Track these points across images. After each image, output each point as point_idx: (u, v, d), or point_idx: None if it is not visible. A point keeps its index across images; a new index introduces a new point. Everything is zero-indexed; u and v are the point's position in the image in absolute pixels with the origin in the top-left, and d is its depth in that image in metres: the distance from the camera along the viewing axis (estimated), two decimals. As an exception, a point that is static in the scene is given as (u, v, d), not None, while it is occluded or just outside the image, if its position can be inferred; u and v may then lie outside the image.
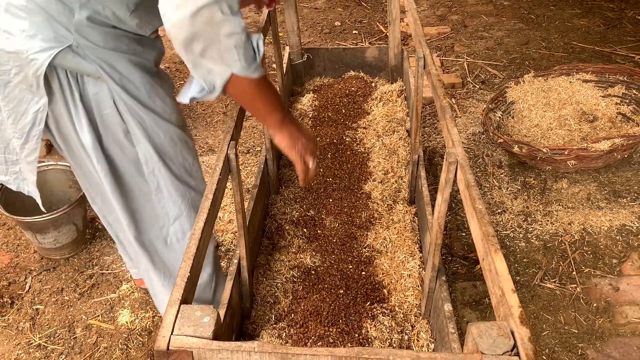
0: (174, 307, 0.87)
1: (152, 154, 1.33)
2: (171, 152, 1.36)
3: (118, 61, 1.22)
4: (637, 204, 2.19)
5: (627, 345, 1.70)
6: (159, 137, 1.33)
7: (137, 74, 1.26)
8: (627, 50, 3.28)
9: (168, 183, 1.38)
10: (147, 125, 1.30)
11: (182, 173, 1.40)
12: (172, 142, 1.36)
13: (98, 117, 1.27)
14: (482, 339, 0.81)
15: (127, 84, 1.25)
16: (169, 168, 1.37)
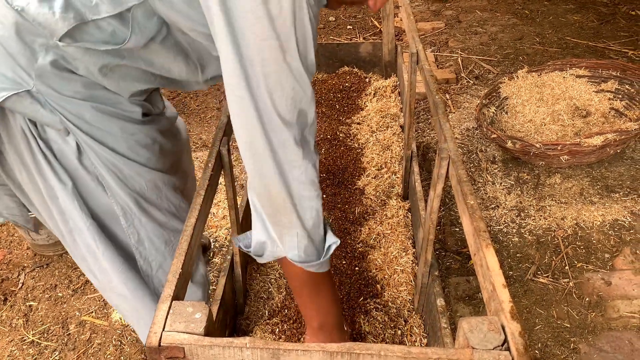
0: (166, 303, 0.87)
1: (130, 206, 1.19)
2: (154, 199, 1.23)
3: (88, 111, 1.09)
4: (629, 198, 2.20)
5: (619, 339, 1.71)
6: (140, 185, 1.19)
7: (114, 124, 1.13)
8: (621, 45, 3.29)
9: (150, 233, 1.24)
10: (125, 175, 1.17)
11: (167, 219, 1.27)
12: (156, 189, 1.23)
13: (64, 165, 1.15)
14: (472, 333, 0.81)
15: (98, 133, 1.11)
16: (152, 216, 1.23)
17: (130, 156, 1.16)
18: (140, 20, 0.97)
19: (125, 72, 1.07)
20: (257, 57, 0.83)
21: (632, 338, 1.71)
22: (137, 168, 1.17)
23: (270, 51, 0.83)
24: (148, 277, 1.28)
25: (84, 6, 0.94)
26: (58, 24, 0.95)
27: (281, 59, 0.84)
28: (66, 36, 0.96)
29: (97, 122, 1.10)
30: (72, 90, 1.05)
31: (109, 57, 1.01)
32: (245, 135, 0.91)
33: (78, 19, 0.94)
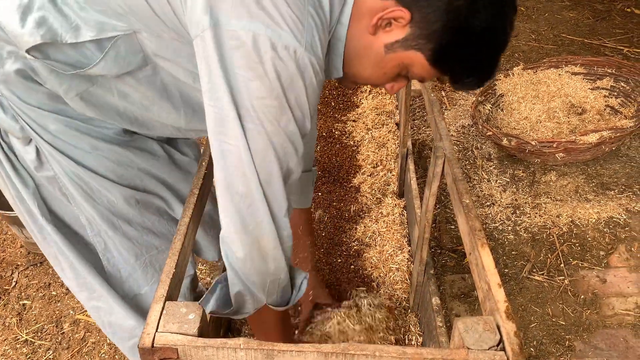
0: (159, 303, 0.86)
1: (96, 218, 1.15)
2: (127, 212, 1.17)
3: (53, 123, 1.04)
4: (624, 196, 2.20)
5: (614, 337, 1.71)
6: (108, 199, 1.13)
7: (83, 140, 1.08)
8: (616, 42, 3.29)
9: (117, 244, 1.19)
10: (92, 188, 1.11)
11: (140, 234, 1.20)
12: (128, 204, 1.16)
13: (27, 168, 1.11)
14: (468, 333, 0.81)
15: (63, 145, 1.06)
16: (120, 230, 1.18)
17: (99, 171, 1.11)
18: (122, 51, 0.94)
19: (95, 101, 1.02)
20: (252, 113, 0.83)
21: (627, 335, 1.71)
22: (106, 184, 1.12)
23: (267, 110, 0.83)
24: (118, 282, 1.24)
25: (61, 27, 0.92)
26: (24, 37, 0.92)
27: (276, 120, 0.84)
28: (34, 50, 0.93)
29: (62, 135, 1.06)
30: (37, 100, 1.02)
31: (76, 81, 0.98)
32: (240, 186, 0.88)
33: (47, 38, 0.92)
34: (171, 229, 1.26)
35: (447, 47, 0.89)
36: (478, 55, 0.92)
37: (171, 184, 1.25)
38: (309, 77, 0.84)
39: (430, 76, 0.96)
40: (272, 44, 0.79)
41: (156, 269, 1.25)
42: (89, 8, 0.91)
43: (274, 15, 0.79)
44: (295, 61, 0.81)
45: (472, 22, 0.86)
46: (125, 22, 0.91)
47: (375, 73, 0.97)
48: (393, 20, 0.88)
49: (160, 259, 1.24)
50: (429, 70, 0.94)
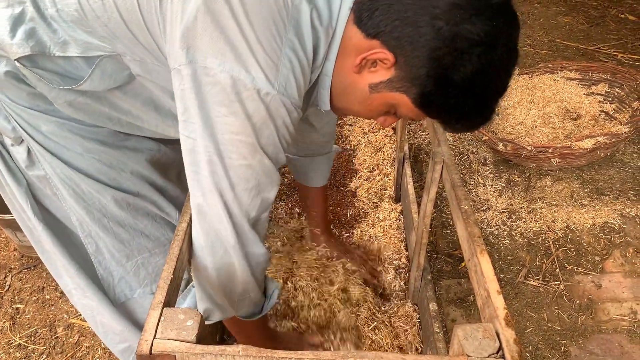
0: (157, 310, 0.85)
1: (86, 220, 1.15)
2: (118, 215, 1.17)
3: (45, 124, 1.05)
4: (619, 201, 2.21)
5: (609, 342, 1.72)
6: (100, 202, 1.14)
7: (75, 142, 1.08)
8: (610, 48, 3.31)
9: (109, 245, 1.19)
10: (83, 190, 1.12)
11: (132, 237, 1.21)
12: (120, 206, 1.16)
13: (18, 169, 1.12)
14: (467, 341, 0.80)
15: (54, 147, 1.07)
16: (112, 232, 1.18)
17: (90, 174, 1.11)
18: (108, 69, 0.96)
19: (85, 109, 1.04)
20: (227, 147, 0.86)
21: (622, 341, 1.72)
22: (98, 186, 1.12)
23: (240, 145, 0.86)
24: (108, 286, 1.24)
25: (50, 40, 0.94)
26: (13, 48, 0.94)
27: (250, 155, 0.87)
28: (23, 59, 0.95)
29: (54, 136, 1.07)
30: (28, 102, 1.03)
31: (64, 92, 0.99)
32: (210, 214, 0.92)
33: (36, 50, 0.94)
34: (165, 232, 1.25)
35: (431, 94, 0.87)
36: (463, 106, 0.88)
37: (162, 186, 1.24)
38: (280, 118, 0.86)
39: (419, 118, 0.95)
40: (245, 86, 0.81)
41: (149, 271, 1.25)
42: (76, 27, 0.93)
43: (248, 59, 0.81)
44: (267, 104, 0.84)
45: (455, 73, 0.84)
46: (109, 44, 0.93)
47: (362, 109, 0.98)
48: (378, 61, 0.88)
49: (153, 262, 1.25)
50: (417, 113, 0.93)
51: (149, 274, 1.24)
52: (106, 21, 0.91)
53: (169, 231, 1.25)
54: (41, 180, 1.11)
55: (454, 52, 0.82)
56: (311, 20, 0.86)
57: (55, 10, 0.93)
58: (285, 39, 0.83)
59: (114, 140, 1.13)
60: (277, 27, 0.83)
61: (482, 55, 0.83)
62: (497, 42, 0.84)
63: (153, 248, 1.24)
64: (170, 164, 1.27)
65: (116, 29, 0.91)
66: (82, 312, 1.29)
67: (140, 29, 0.90)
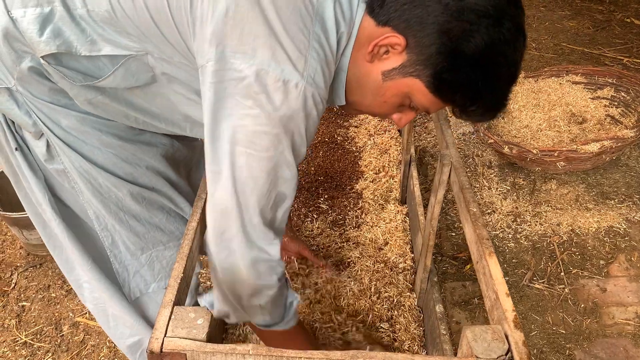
0: (167, 308, 0.86)
1: (103, 213, 1.17)
2: (134, 208, 1.19)
3: (65, 118, 1.08)
4: (624, 205, 2.21)
5: (614, 346, 1.72)
6: (116, 195, 1.16)
7: (93, 136, 1.11)
8: (616, 52, 3.31)
9: (124, 238, 1.21)
10: (100, 184, 1.14)
11: (147, 230, 1.22)
12: (136, 200, 1.18)
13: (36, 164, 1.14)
14: (476, 342, 0.81)
15: (73, 141, 1.10)
16: (128, 225, 1.20)
17: (108, 168, 1.13)
18: (132, 68, 0.98)
19: (103, 107, 1.06)
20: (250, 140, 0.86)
21: (627, 345, 1.72)
22: (114, 180, 1.14)
23: (265, 138, 0.86)
24: (124, 280, 1.25)
25: (77, 39, 0.96)
26: (40, 45, 0.96)
27: (273, 148, 0.87)
28: (49, 56, 0.98)
29: (73, 130, 1.09)
30: (50, 96, 1.06)
31: (85, 89, 1.02)
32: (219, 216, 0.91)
33: (63, 49, 0.96)
34: (179, 226, 1.27)
35: (444, 72, 0.88)
36: (475, 82, 0.89)
37: (176, 181, 1.26)
38: (309, 109, 0.86)
39: (434, 105, 0.95)
40: (275, 78, 0.82)
41: (163, 265, 1.27)
42: (106, 27, 0.95)
43: (277, 52, 0.82)
44: (296, 94, 0.84)
45: (465, 45, 0.85)
46: (138, 43, 0.96)
47: (375, 101, 0.97)
48: (390, 47, 0.89)
49: (167, 255, 1.26)
50: (431, 99, 0.93)
51: (163, 268, 1.26)
52: (136, 21, 0.93)
53: (183, 225, 1.26)
54: (60, 174, 1.14)
55: (463, 24, 0.84)
56: (335, 15, 0.88)
57: (85, 10, 0.95)
58: (312, 32, 0.85)
59: (130, 134, 1.15)
60: (304, 21, 0.84)
61: (490, 27, 0.84)
62: (504, 15, 0.85)
63: (168, 242, 1.25)
64: (182, 161, 1.29)
65: (146, 28, 0.93)
66: (93, 306, 1.30)
67: (169, 28, 0.92)
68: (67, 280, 1.31)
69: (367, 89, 0.96)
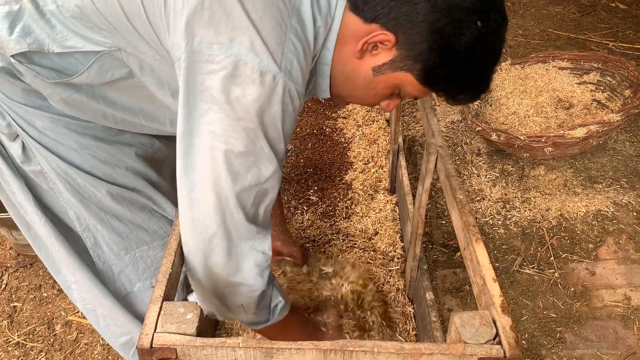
0: (156, 304, 0.86)
1: (84, 214, 1.15)
2: (115, 208, 1.17)
3: (40, 119, 1.05)
4: (612, 189, 2.23)
5: (604, 328, 1.74)
6: (96, 196, 1.14)
7: (70, 137, 1.08)
8: (601, 37, 3.33)
9: (107, 238, 1.19)
10: (79, 184, 1.12)
11: (130, 230, 1.20)
12: (116, 200, 1.16)
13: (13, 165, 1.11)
14: (464, 328, 0.82)
15: (49, 142, 1.07)
16: (110, 225, 1.18)
17: (85, 169, 1.11)
18: (106, 64, 0.96)
19: (80, 106, 1.03)
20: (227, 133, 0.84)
21: (617, 327, 1.74)
22: (93, 181, 1.12)
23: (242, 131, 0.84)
24: (109, 280, 1.24)
25: (48, 36, 0.93)
26: (10, 44, 0.94)
27: (252, 142, 0.85)
28: (19, 55, 0.95)
29: (48, 132, 1.06)
30: (23, 97, 1.03)
31: (60, 87, 0.99)
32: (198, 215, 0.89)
33: (34, 47, 0.94)
34: (162, 226, 1.25)
35: (435, 67, 0.89)
36: (466, 74, 0.91)
37: (157, 182, 1.24)
38: (285, 102, 0.85)
39: (422, 94, 0.96)
40: (252, 68, 0.81)
41: (147, 264, 1.25)
42: (77, 23, 0.93)
43: (255, 42, 0.81)
44: (272, 87, 0.83)
45: (456, 42, 0.86)
46: (110, 39, 0.93)
47: (366, 94, 0.98)
48: (379, 43, 0.90)
49: (152, 255, 1.24)
50: (421, 89, 0.94)
51: (147, 267, 1.24)
52: (107, 15, 0.91)
53: (166, 225, 1.25)
54: (37, 175, 1.11)
55: (453, 22, 0.85)
56: (312, 9, 0.87)
57: (55, 6, 0.93)
58: (289, 25, 0.84)
59: (108, 135, 1.13)
60: (281, 14, 0.83)
61: (479, 22, 0.86)
62: (490, 8, 0.87)
63: (151, 241, 1.23)
64: (164, 161, 1.27)
65: (117, 22, 0.91)
66: (82, 307, 1.29)
67: (141, 21, 0.90)
68: (56, 280, 1.30)
69: (358, 83, 0.96)
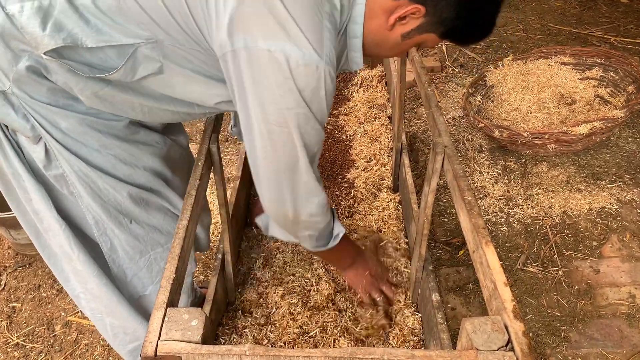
0: (160, 310, 0.84)
1: (103, 217, 1.16)
2: (133, 211, 1.19)
3: (64, 120, 1.05)
4: (615, 186, 2.22)
5: (609, 327, 1.73)
6: (116, 198, 1.16)
7: (92, 137, 1.09)
8: (603, 31, 3.30)
9: (123, 242, 1.21)
10: (99, 187, 1.13)
11: (146, 232, 1.23)
12: (135, 202, 1.18)
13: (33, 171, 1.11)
14: (476, 334, 0.80)
15: (73, 144, 1.08)
16: (127, 229, 1.20)
17: (107, 170, 1.12)
18: (140, 59, 0.97)
19: (111, 99, 1.04)
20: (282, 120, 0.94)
21: (622, 325, 1.73)
22: (113, 182, 1.13)
23: (295, 117, 0.94)
24: (122, 283, 1.26)
25: (82, 31, 0.93)
26: (44, 40, 0.93)
27: (305, 124, 0.96)
28: (52, 51, 0.94)
29: (72, 133, 1.07)
30: (47, 97, 1.02)
31: (92, 82, 0.99)
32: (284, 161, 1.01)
33: (68, 41, 0.93)
34: (172, 221, 1.28)
35: (459, 29, 1.00)
36: (484, 29, 1.02)
37: (171, 180, 1.26)
38: (327, 86, 0.93)
39: (437, 43, 1.07)
40: (297, 62, 0.88)
41: (161, 267, 1.27)
42: (114, 16, 0.93)
43: (298, 36, 0.87)
44: (317, 76, 0.90)
45: (481, 11, 0.98)
46: (148, 31, 0.95)
47: (391, 53, 1.10)
48: (410, 14, 0.97)
49: (165, 257, 1.24)
50: (438, 42, 1.05)
51: (161, 270, 1.26)
52: (147, 8, 0.92)
53: None
54: (58, 179, 1.11)
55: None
56: None
57: (90, 0, 0.93)
58: (323, 13, 0.91)
59: (127, 134, 1.13)
60: (316, 2, 0.89)
61: None
62: None
63: (165, 243, 1.26)
64: (178, 160, 1.29)
65: (158, 15, 0.93)
66: (91, 315, 1.29)
67: (183, 14, 0.92)
68: (65, 289, 1.30)
69: (387, 47, 1.06)
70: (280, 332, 1.35)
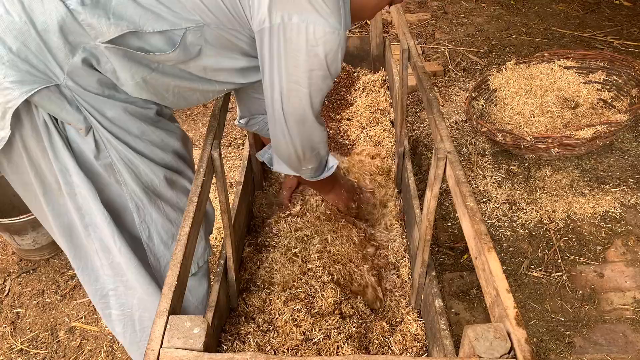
0: (162, 318, 0.84)
1: (144, 201, 1.23)
2: (167, 194, 1.27)
3: (110, 109, 1.13)
4: (619, 190, 2.21)
5: (613, 332, 1.72)
6: (152, 181, 1.23)
7: (133, 124, 1.17)
8: (606, 35, 3.30)
9: (159, 228, 1.28)
10: (140, 171, 1.20)
11: (177, 216, 1.30)
12: (168, 185, 1.27)
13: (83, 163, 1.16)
14: (479, 342, 0.80)
15: (119, 131, 1.15)
16: (162, 211, 1.27)
17: (146, 154, 1.20)
18: (187, 42, 1.09)
19: (154, 83, 1.14)
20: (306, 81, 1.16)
21: (626, 330, 1.72)
22: (151, 165, 1.22)
23: (316, 77, 1.15)
24: (157, 272, 1.32)
25: (140, 18, 1.04)
26: (110, 29, 1.02)
27: (322, 82, 1.17)
28: (109, 41, 1.03)
29: (118, 121, 1.14)
30: (97, 88, 1.10)
31: (142, 67, 1.09)
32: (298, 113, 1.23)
33: (131, 28, 1.03)
34: None
35: None
36: None
37: (190, 161, 1.38)
38: (344, 47, 1.14)
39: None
40: (324, 30, 1.08)
41: None
42: (170, 3, 1.05)
43: (323, 7, 1.07)
44: (338, 39, 1.10)
45: None
46: (198, 16, 1.08)
47: (373, 13, 1.26)
48: None
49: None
50: None
51: None
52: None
53: None
54: (107, 168, 1.17)
55: None
56: None
57: None
58: None
59: (156, 121, 1.23)
60: None
61: None
62: None
63: None
64: (187, 142, 1.39)
65: (210, 1, 1.07)
66: (119, 314, 1.33)
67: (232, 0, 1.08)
68: (87, 292, 1.34)
69: (369, 7, 1.23)
70: (283, 338, 1.34)
